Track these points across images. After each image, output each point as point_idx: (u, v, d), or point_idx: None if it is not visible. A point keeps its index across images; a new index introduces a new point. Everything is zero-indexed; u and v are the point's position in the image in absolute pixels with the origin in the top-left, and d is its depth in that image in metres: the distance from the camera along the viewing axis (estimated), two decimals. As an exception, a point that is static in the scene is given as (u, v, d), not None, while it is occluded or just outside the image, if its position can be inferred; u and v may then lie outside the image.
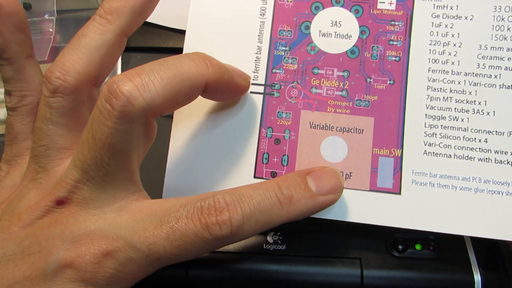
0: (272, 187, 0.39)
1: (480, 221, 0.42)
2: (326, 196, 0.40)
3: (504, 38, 0.45)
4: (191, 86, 0.38)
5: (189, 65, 0.38)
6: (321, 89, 0.45)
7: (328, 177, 0.41)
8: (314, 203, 0.39)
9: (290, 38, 0.46)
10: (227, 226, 0.36)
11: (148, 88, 0.35)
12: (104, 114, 0.34)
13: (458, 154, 0.43)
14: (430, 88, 0.45)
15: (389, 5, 0.46)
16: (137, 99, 0.34)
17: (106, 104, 0.34)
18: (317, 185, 0.40)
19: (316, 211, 0.40)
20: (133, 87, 0.34)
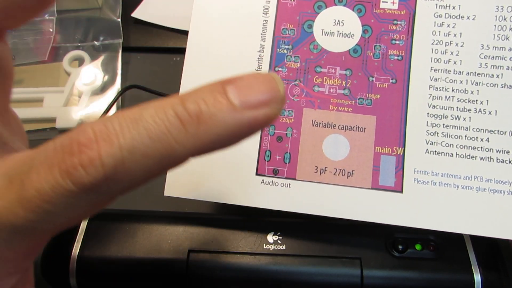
0: (171, 103, 0.24)
1: (482, 220, 0.42)
2: (256, 110, 0.25)
3: (506, 38, 0.45)
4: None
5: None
6: (323, 87, 0.46)
7: (258, 83, 0.26)
8: (238, 120, 0.25)
9: (293, 37, 0.47)
10: (96, 167, 0.23)
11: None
12: None
13: (460, 153, 0.44)
14: (432, 87, 0.45)
15: (391, 4, 0.46)
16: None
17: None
18: (241, 95, 0.25)
19: (244, 134, 0.26)
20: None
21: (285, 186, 0.45)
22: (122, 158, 0.23)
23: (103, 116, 0.60)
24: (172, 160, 0.25)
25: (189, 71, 0.47)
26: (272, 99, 0.25)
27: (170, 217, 0.47)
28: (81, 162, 0.23)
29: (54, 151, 0.24)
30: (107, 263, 0.44)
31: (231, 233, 0.46)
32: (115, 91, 0.64)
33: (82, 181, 0.23)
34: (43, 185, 0.24)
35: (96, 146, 0.23)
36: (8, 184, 0.25)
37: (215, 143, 0.25)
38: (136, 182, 0.25)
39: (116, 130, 0.24)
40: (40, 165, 0.24)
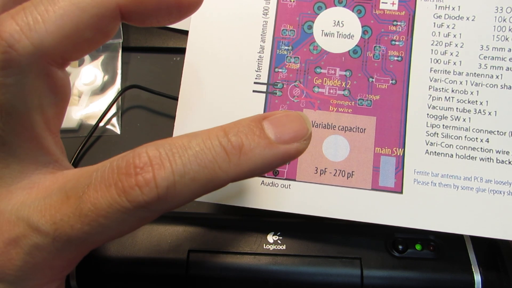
0: (216, 134, 0.29)
1: (482, 221, 0.42)
2: (289, 145, 0.31)
3: (506, 39, 0.45)
4: (97, 15, 0.30)
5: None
6: (323, 88, 0.46)
7: (290, 121, 0.31)
8: (273, 153, 0.30)
9: (292, 38, 0.47)
10: (150, 188, 0.27)
11: (35, 27, 0.28)
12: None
13: (460, 154, 0.44)
14: (432, 88, 0.45)
15: (391, 5, 0.46)
16: (21, 42, 0.28)
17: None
18: (277, 131, 0.30)
19: (277, 165, 0.31)
20: (15, 27, 0.28)
21: (285, 187, 0.45)
22: (174, 181, 0.28)
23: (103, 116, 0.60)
24: (215, 184, 0.29)
25: (189, 72, 0.47)
26: (302, 136, 0.31)
27: (170, 217, 0.47)
28: (138, 183, 0.27)
29: (111, 171, 0.28)
30: (107, 263, 0.44)
31: (231, 233, 0.46)
32: (115, 91, 0.64)
33: (137, 200, 0.27)
34: (101, 201, 0.27)
35: (152, 169, 0.27)
36: (65, 199, 0.29)
37: (253, 172, 0.30)
38: (182, 202, 0.29)
39: (169, 156, 0.28)
40: (98, 183, 0.28)
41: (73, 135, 0.61)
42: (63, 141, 0.35)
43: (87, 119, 0.62)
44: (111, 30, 0.32)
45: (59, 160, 0.34)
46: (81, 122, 0.62)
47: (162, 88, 0.61)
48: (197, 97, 0.45)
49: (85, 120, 0.62)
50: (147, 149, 0.28)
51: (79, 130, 0.61)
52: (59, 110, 0.34)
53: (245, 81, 0.46)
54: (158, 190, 0.27)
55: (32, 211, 0.29)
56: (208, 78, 0.47)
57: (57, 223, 0.28)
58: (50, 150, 0.33)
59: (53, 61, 0.31)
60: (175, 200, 0.28)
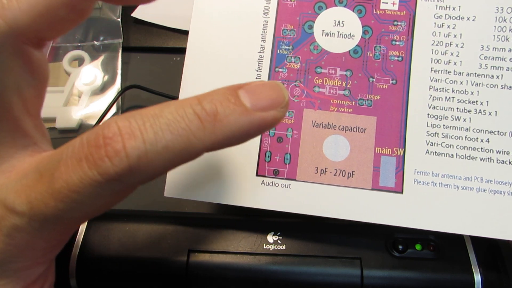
0: (190, 102, 0.28)
1: (482, 221, 0.42)
2: (266, 112, 0.30)
3: (506, 39, 0.45)
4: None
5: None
6: (323, 88, 0.46)
7: (266, 89, 0.31)
8: (249, 120, 0.29)
9: (293, 37, 0.47)
10: (121, 159, 0.26)
11: (8, 5, 0.29)
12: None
13: (460, 154, 0.44)
14: (433, 88, 0.45)
15: (392, 5, 0.46)
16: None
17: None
18: (252, 99, 0.30)
19: (254, 133, 0.31)
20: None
21: (285, 187, 0.45)
22: (145, 150, 0.26)
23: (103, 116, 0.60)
24: (189, 153, 0.28)
25: (189, 72, 0.47)
26: (279, 103, 0.30)
27: (170, 217, 0.47)
28: (107, 153, 0.26)
29: (81, 145, 0.27)
30: (107, 263, 0.44)
31: (231, 233, 0.46)
32: (115, 91, 0.64)
33: (108, 172, 0.26)
34: (72, 177, 0.27)
35: (121, 139, 0.26)
36: (39, 178, 0.28)
37: (228, 140, 0.29)
38: (156, 173, 0.28)
39: (139, 125, 0.27)
40: (68, 158, 0.27)
41: (73, 135, 0.61)
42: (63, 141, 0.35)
43: (87, 119, 0.62)
44: (86, 8, 0.32)
45: (39, 143, 0.34)
46: (81, 122, 0.62)
47: (162, 88, 0.61)
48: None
49: (85, 120, 0.62)
50: (116, 119, 0.27)
51: (79, 130, 0.61)
52: (38, 92, 0.34)
53: (245, 80, 0.46)
54: (129, 160, 0.26)
55: (8, 193, 0.29)
56: (208, 78, 0.47)
57: (31, 202, 0.28)
58: (29, 132, 0.33)
59: (28, 41, 0.31)
60: (148, 171, 0.27)
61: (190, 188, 0.45)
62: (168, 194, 0.45)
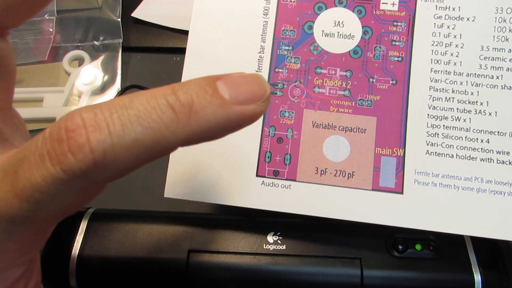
0: (163, 92, 0.26)
1: (482, 221, 0.42)
2: (245, 106, 0.27)
3: (506, 39, 0.45)
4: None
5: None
6: (323, 88, 0.46)
7: (246, 82, 0.28)
8: (227, 113, 0.27)
9: (293, 38, 0.47)
10: (85, 153, 0.24)
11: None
12: None
13: (460, 154, 0.44)
14: (433, 88, 0.45)
15: (391, 6, 0.46)
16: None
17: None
18: (231, 91, 0.27)
19: (231, 127, 0.28)
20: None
21: (285, 187, 0.45)
22: (112, 144, 0.24)
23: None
24: (162, 147, 0.25)
25: (189, 73, 0.47)
26: (260, 97, 0.28)
27: (170, 217, 0.47)
28: (70, 148, 0.23)
29: (43, 140, 0.25)
30: (107, 263, 0.44)
31: (231, 233, 0.46)
32: (115, 91, 0.64)
33: (71, 168, 0.24)
34: (34, 175, 0.24)
35: (85, 132, 0.23)
36: (4, 177, 0.26)
37: (204, 134, 0.26)
38: (126, 169, 0.25)
39: (106, 116, 0.24)
40: (31, 155, 0.25)
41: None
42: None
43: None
44: None
45: (10, 139, 0.33)
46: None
47: (162, 88, 0.61)
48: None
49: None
50: (80, 110, 0.24)
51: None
52: (5, 84, 0.33)
53: None
54: (94, 155, 0.24)
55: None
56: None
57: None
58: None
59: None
60: (116, 166, 0.25)
61: (190, 189, 0.45)
62: (168, 195, 0.45)
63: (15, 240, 0.28)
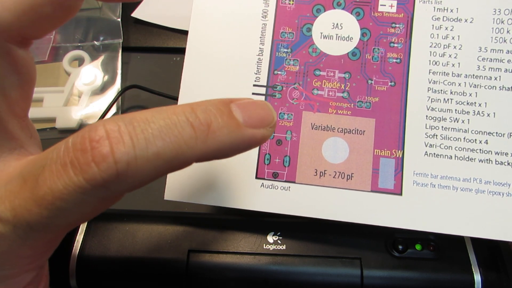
0: (183, 110, 0.27)
1: (481, 222, 0.42)
2: (256, 130, 0.30)
3: (504, 41, 0.45)
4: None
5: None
6: (322, 90, 0.46)
7: (257, 107, 0.31)
8: (241, 135, 0.29)
9: (291, 40, 0.47)
10: (108, 164, 0.24)
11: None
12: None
13: (459, 155, 0.44)
14: (431, 89, 0.45)
15: (389, 7, 0.46)
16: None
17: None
18: (244, 115, 0.29)
19: (242, 148, 0.30)
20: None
21: (284, 189, 0.45)
22: (135, 156, 0.25)
23: (103, 116, 0.60)
24: (179, 162, 0.27)
25: (188, 75, 0.47)
26: (268, 122, 0.30)
27: (170, 217, 0.47)
28: (94, 158, 0.24)
29: (66, 149, 0.25)
30: (107, 263, 0.45)
31: (231, 233, 0.46)
32: (115, 91, 0.64)
33: (95, 178, 0.24)
34: (56, 183, 0.25)
35: (109, 143, 0.24)
36: (23, 184, 0.26)
37: (218, 152, 0.28)
38: (145, 181, 0.26)
39: (129, 129, 0.25)
40: (53, 163, 0.25)
41: (73, 135, 0.61)
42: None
43: (87, 119, 0.62)
44: (73, 6, 0.32)
45: (26, 146, 0.33)
46: (81, 122, 0.62)
47: (162, 88, 0.61)
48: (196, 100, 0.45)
49: (85, 120, 0.62)
50: (104, 122, 0.25)
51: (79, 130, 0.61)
52: (25, 92, 0.33)
53: (244, 83, 0.46)
54: (117, 166, 0.25)
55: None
56: (208, 80, 0.47)
57: (15, 209, 0.26)
58: (14, 134, 0.32)
59: (12, 39, 0.30)
60: (137, 178, 0.26)
61: (190, 191, 0.45)
62: (168, 197, 0.45)
63: (30, 246, 0.29)
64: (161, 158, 0.26)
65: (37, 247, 0.30)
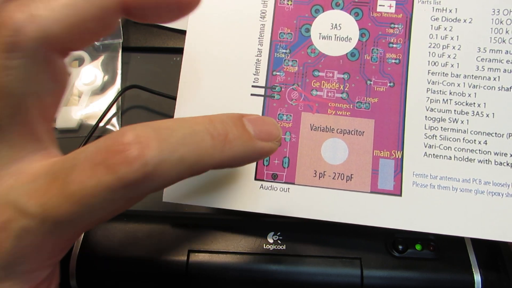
0: (202, 120, 0.31)
1: (481, 223, 0.42)
2: (265, 143, 0.34)
3: (503, 41, 0.45)
4: (102, 7, 0.31)
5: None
6: (321, 91, 0.46)
7: (265, 123, 0.35)
8: (252, 147, 0.33)
9: (290, 41, 0.47)
10: (139, 165, 0.26)
11: (42, 13, 0.29)
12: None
13: (458, 156, 0.44)
14: (430, 90, 0.45)
15: (388, 8, 0.46)
16: (29, 27, 0.29)
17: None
18: (255, 129, 0.33)
19: (252, 159, 0.35)
20: (25, 13, 0.29)
21: (284, 190, 0.45)
22: (162, 159, 0.27)
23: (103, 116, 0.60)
24: (200, 167, 0.30)
25: (186, 76, 0.47)
26: (276, 136, 0.35)
27: (170, 217, 0.48)
28: (126, 160, 0.26)
29: (97, 150, 0.27)
30: (107, 263, 0.45)
31: (231, 233, 0.46)
32: (115, 91, 0.64)
33: (126, 177, 0.26)
34: (88, 180, 0.27)
35: (140, 146, 0.27)
36: (52, 181, 0.28)
37: (232, 161, 0.32)
38: (168, 183, 0.29)
39: (157, 135, 0.28)
40: (84, 162, 0.27)
41: (73, 135, 0.61)
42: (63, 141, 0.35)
43: (87, 119, 0.62)
44: (113, 23, 0.33)
45: (48, 149, 0.33)
46: (81, 122, 0.62)
47: (162, 88, 0.61)
48: (195, 101, 0.46)
49: (85, 120, 0.62)
50: (133, 127, 0.28)
51: (79, 130, 0.61)
52: (56, 99, 0.34)
53: (243, 84, 0.46)
54: (146, 168, 0.27)
55: (20, 195, 0.29)
56: (206, 81, 0.47)
57: (44, 205, 0.28)
58: (41, 138, 0.33)
59: (56, 49, 0.31)
60: (162, 180, 0.28)
61: (189, 193, 0.45)
62: (167, 199, 0.45)
63: (53, 241, 0.30)
64: (184, 163, 0.29)
65: (59, 243, 0.31)
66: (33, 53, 0.29)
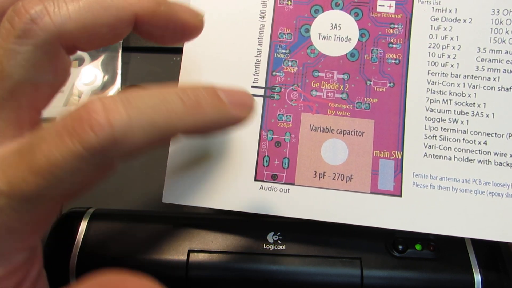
0: (174, 89, 0.30)
1: (481, 223, 0.42)
2: (238, 110, 0.33)
3: (503, 41, 0.45)
4: (116, 16, 0.32)
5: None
6: (321, 91, 0.46)
7: (238, 92, 0.34)
8: (225, 113, 0.32)
9: (290, 41, 0.47)
10: (105, 130, 0.26)
11: (59, 10, 0.30)
12: (2, 34, 0.30)
13: (458, 156, 0.44)
14: (430, 90, 0.45)
15: (388, 8, 0.46)
16: (44, 19, 0.30)
17: (6, 24, 0.30)
18: (228, 97, 0.32)
19: (226, 125, 0.33)
20: (42, 7, 0.30)
21: (284, 191, 0.45)
22: (130, 123, 0.27)
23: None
24: (169, 131, 0.30)
25: (185, 76, 0.47)
26: (249, 105, 0.34)
27: (170, 217, 0.47)
28: (91, 126, 0.26)
29: (62, 122, 0.27)
30: (107, 263, 0.44)
31: (231, 233, 0.46)
32: (115, 91, 0.64)
33: (91, 142, 0.26)
34: (53, 151, 0.26)
35: (106, 112, 0.26)
36: (19, 157, 0.28)
37: (205, 126, 0.32)
38: (138, 147, 0.28)
39: (124, 102, 0.27)
40: (49, 134, 0.27)
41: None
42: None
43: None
44: (123, 33, 0.34)
45: (27, 138, 0.31)
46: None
47: (162, 87, 0.61)
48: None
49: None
50: (100, 97, 0.27)
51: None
52: (51, 91, 0.34)
53: (242, 84, 0.46)
54: (114, 132, 0.26)
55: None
56: (205, 81, 0.46)
57: (11, 181, 0.28)
58: (23, 125, 0.33)
59: (65, 44, 0.32)
60: (130, 144, 0.27)
61: (188, 194, 0.45)
62: (166, 200, 0.45)
63: (23, 219, 0.29)
64: (153, 127, 0.28)
65: (31, 221, 0.30)
66: (43, 43, 0.30)
